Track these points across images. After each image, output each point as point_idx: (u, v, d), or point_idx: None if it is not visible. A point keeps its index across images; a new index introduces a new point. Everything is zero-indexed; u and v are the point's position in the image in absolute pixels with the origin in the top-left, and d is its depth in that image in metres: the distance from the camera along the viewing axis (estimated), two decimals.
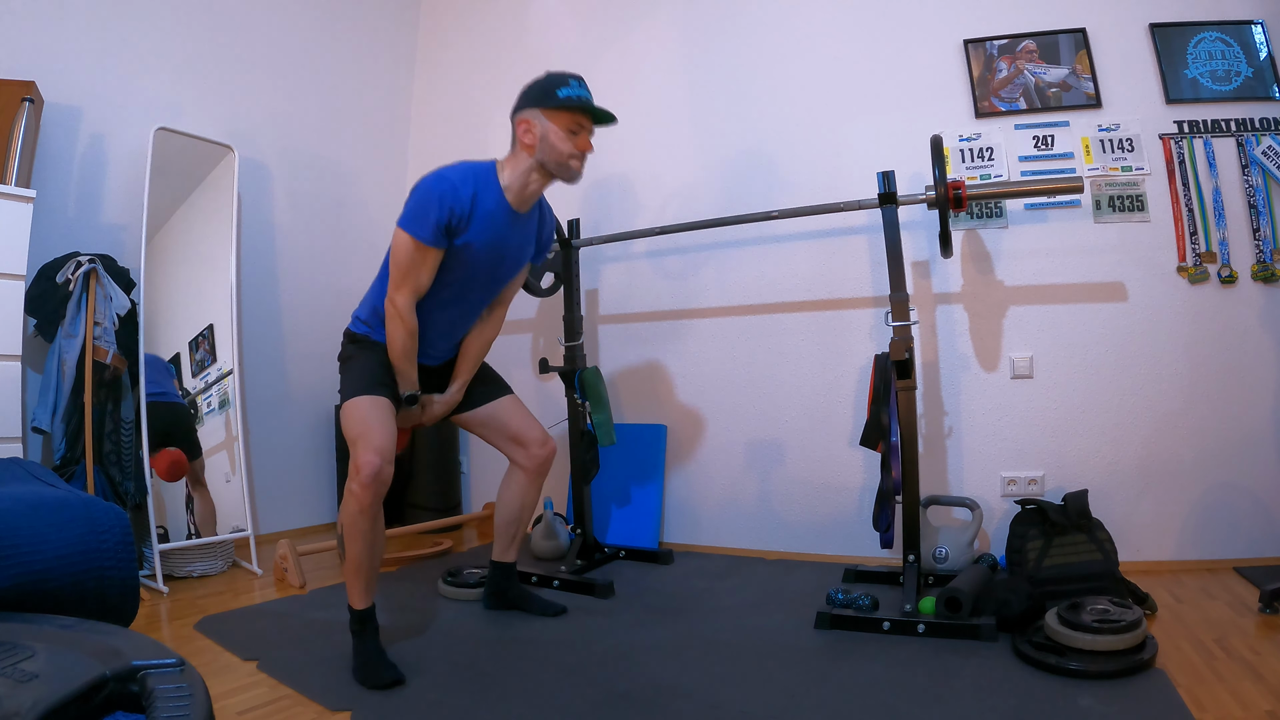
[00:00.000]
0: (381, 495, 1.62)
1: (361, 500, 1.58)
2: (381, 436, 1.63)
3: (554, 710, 1.42)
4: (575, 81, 1.73)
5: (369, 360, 1.79)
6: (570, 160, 1.73)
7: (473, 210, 1.69)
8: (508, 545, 2.05)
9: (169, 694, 0.73)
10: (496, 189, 1.74)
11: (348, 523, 1.63)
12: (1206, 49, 2.30)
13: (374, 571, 1.68)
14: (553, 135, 1.71)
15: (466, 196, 1.67)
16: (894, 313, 1.96)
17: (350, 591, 1.67)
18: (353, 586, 1.66)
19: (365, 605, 1.67)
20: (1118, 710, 1.31)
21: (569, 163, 1.73)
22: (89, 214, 2.55)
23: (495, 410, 1.98)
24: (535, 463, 1.97)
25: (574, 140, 1.72)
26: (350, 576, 1.66)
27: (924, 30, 2.55)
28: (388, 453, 1.62)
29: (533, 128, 1.72)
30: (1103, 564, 1.87)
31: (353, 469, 1.60)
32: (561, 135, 1.71)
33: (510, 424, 1.97)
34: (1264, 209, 2.23)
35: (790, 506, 2.65)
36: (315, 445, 3.25)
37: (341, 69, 3.46)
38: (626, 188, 3.04)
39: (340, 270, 3.38)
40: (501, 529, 2.05)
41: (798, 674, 1.57)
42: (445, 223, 1.65)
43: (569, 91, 1.70)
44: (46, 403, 2.24)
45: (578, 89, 1.72)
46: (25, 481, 1.31)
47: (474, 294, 1.84)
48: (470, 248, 1.71)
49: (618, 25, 3.10)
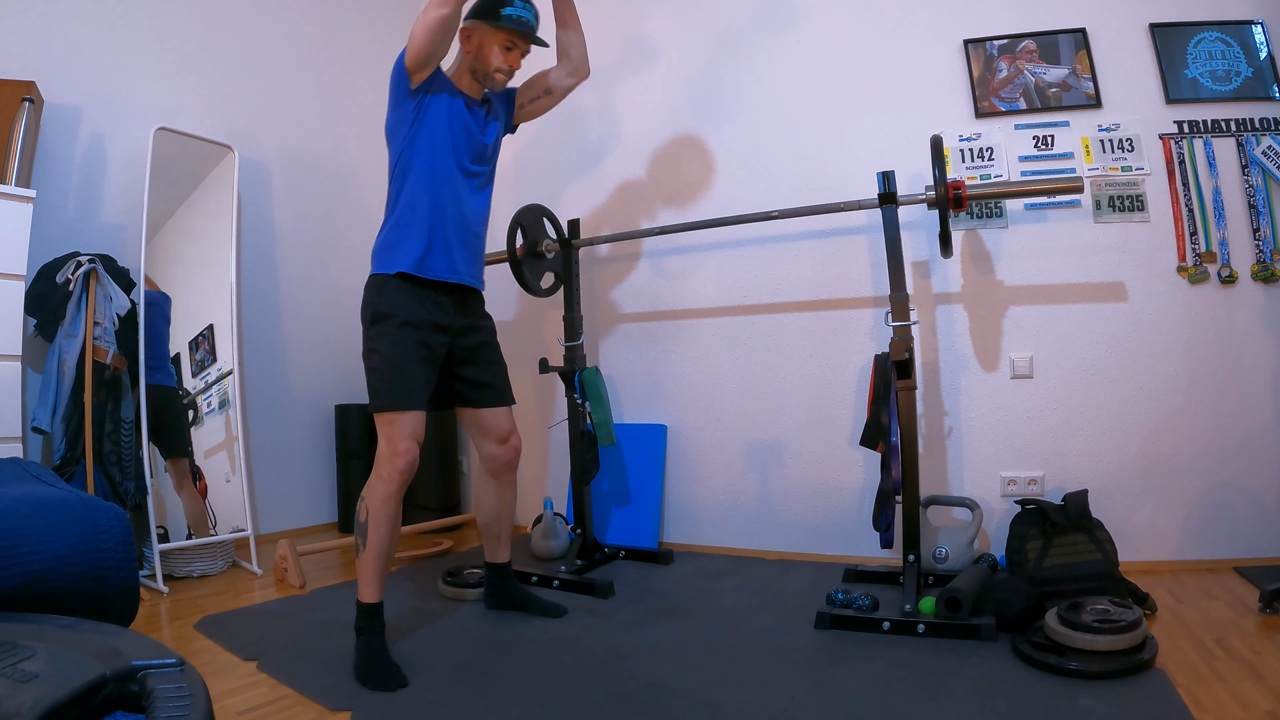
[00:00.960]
0: (408, 484, 1.71)
1: (392, 484, 1.68)
2: (416, 423, 1.72)
3: (554, 710, 1.42)
4: (520, 1, 1.84)
5: (398, 342, 1.74)
6: (495, 73, 1.86)
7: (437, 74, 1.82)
8: (496, 545, 2.06)
9: (169, 694, 0.73)
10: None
11: (374, 508, 1.68)
12: (1206, 49, 2.30)
13: (388, 563, 1.72)
14: (485, 47, 1.85)
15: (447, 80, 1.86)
16: (894, 313, 1.96)
17: (361, 583, 1.68)
18: (366, 578, 1.68)
19: (376, 599, 1.68)
20: (1118, 710, 1.31)
21: (494, 75, 1.87)
22: (89, 214, 2.55)
23: (494, 414, 1.99)
24: (499, 462, 2.00)
25: (506, 56, 1.86)
26: (365, 566, 1.68)
27: (924, 30, 2.55)
28: (421, 440, 1.73)
29: (472, 36, 1.85)
30: (1103, 564, 1.87)
31: (388, 454, 1.68)
32: (495, 50, 1.84)
33: (493, 426, 1.99)
34: (1264, 209, 2.23)
35: (790, 506, 2.65)
36: (315, 445, 3.25)
37: (341, 69, 3.46)
38: (626, 188, 3.04)
39: (340, 270, 3.38)
40: (485, 530, 2.07)
41: (798, 674, 1.57)
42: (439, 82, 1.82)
43: (511, 10, 1.83)
44: (46, 403, 2.24)
45: (520, 9, 1.84)
46: (25, 481, 1.31)
47: (463, 169, 1.86)
48: (440, 102, 1.81)
49: (618, 25, 3.10)
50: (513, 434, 2.01)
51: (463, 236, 1.86)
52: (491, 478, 2.02)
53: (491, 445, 1.99)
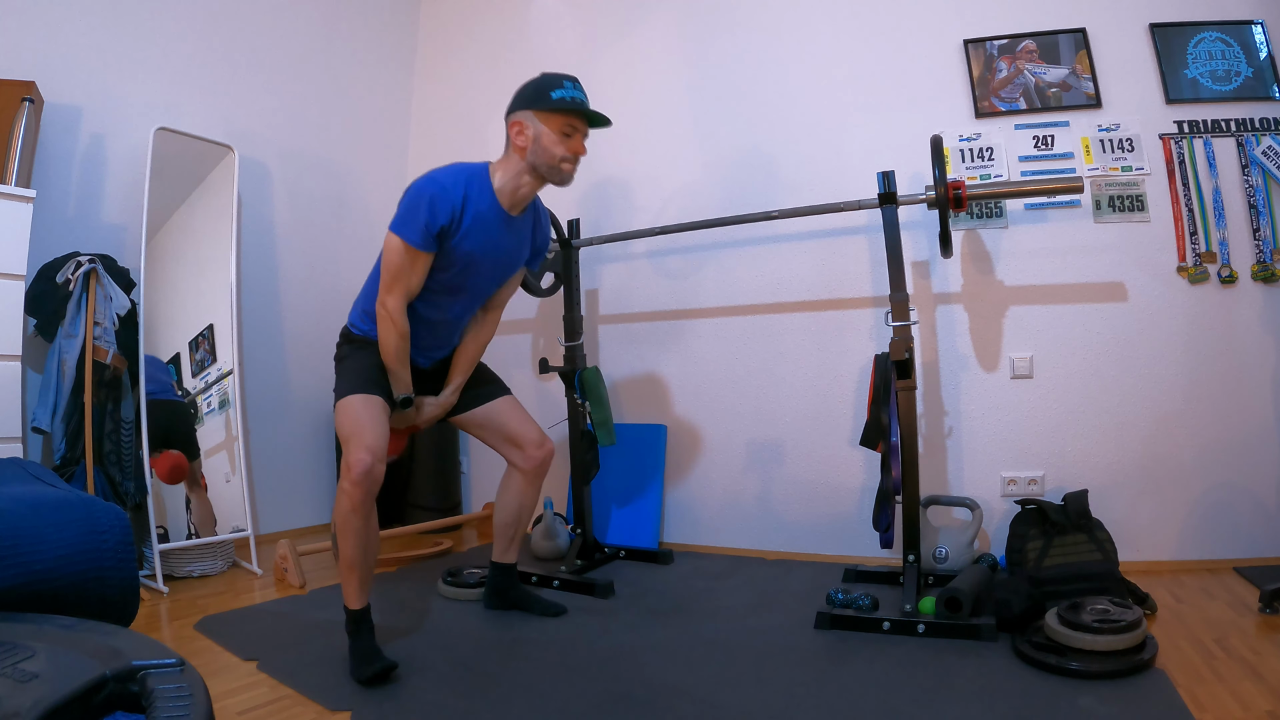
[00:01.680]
0: (373, 493, 1.62)
1: (353, 498, 1.58)
2: (373, 435, 1.63)
3: (554, 710, 1.42)
4: (570, 83, 1.71)
5: (363, 360, 1.79)
6: (562, 164, 1.71)
7: (464, 212, 1.67)
8: (507, 546, 2.05)
9: (169, 694, 0.73)
10: (489, 191, 1.73)
11: (340, 521, 1.62)
12: (1206, 49, 2.30)
13: (368, 571, 1.67)
14: (545, 138, 1.69)
15: (458, 199, 1.66)
16: (894, 313, 1.96)
17: (345, 591, 1.67)
18: (347, 586, 1.66)
19: (359, 605, 1.66)
20: (1118, 710, 1.31)
21: (560, 166, 1.71)
22: (89, 214, 2.55)
23: (492, 411, 1.97)
24: (532, 464, 1.96)
25: (567, 143, 1.70)
26: (344, 576, 1.66)
27: (924, 30, 2.55)
28: (379, 451, 1.61)
29: (525, 129, 1.70)
30: (1103, 564, 1.88)
31: (344, 467, 1.60)
32: (554, 138, 1.69)
33: (507, 425, 1.96)
34: (1264, 209, 2.23)
35: (790, 506, 2.65)
36: (315, 445, 3.25)
37: (341, 69, 3.46)
38: (626, 188, 3.04)
39: (340, 270, 3.38)
40: (501, 530, 2.04)
41: (798, 674, 1.57)
42: (435, 226, 1.64)
43: (563, 93, 1.68)
44: (46, 403, 2.24)
45: (572, 90, 1.70)
46: (25, 481, 1.31)
47: (466, 296, 1.83)
48: (462, 250, 1.70)
49: (618, 25, 3.11)
50: (544, 440, 1.97)
51: (441, 335, 1.89)
52: (521, 478, 1.98)
53: (517, 452, 1.96)
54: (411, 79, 3.79)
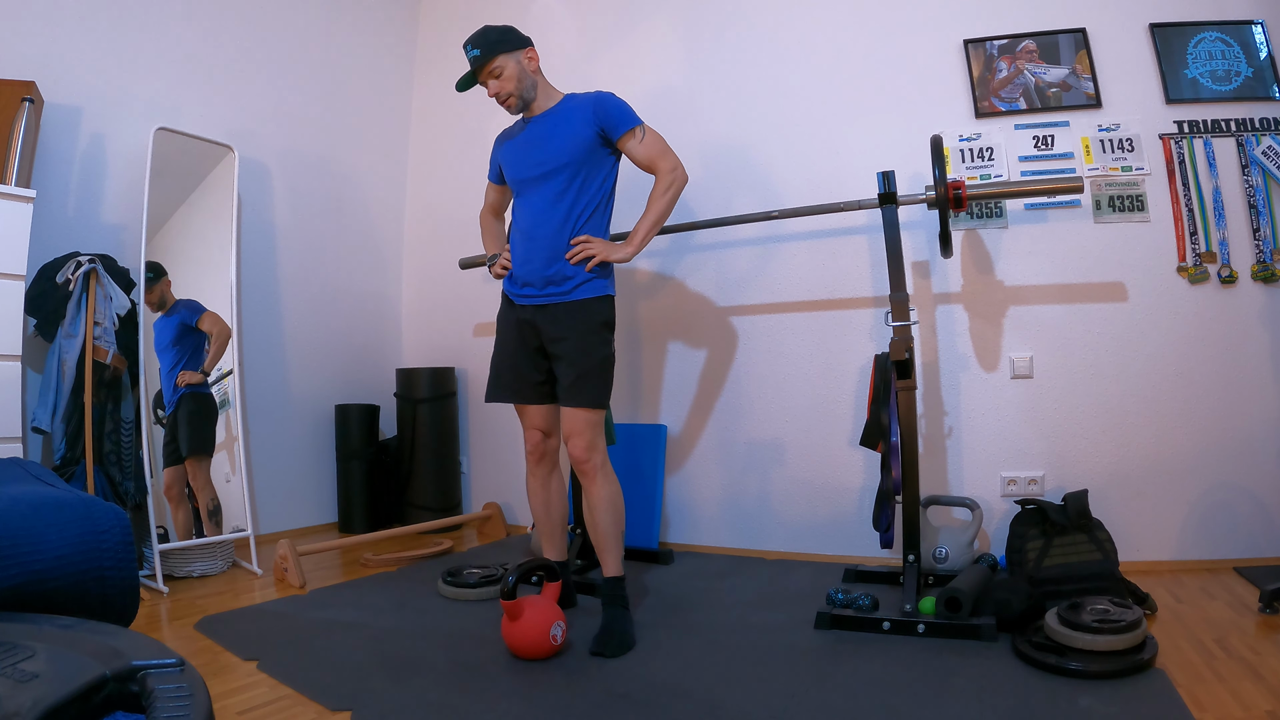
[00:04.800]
0: (545, 463, 2.01)
1: (528, 468, 2.02)
2: (533, 416, 1.97)
3: (554, 710, 1.42)
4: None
5: (495, 349, 2.02)
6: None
7: (502, 143, 2.07)
8: (598, 556, 1.97)
9: (169, 694, 0.73)
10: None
11: (527, 487, 2.04)
12: (1206, 49, 2.30)
13: (554, 528, 2.04)
14: None
15: (501, 137, 2.07)
16: (894, 313, 1.96)
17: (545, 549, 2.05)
18: (545, 547, 2.05)
19: (556, 559, 2.03)
20: (1118, 710, 1.31)
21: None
22: (89, 214, 2.55)
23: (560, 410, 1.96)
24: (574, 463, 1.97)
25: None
26: (538, 537, 2.07)
27: (924, 30, 2.55)
28: (545, 426, 1.97)
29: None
30: (1103, 564, 1.87)
31: None
32: None
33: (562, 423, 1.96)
34: (1264, 209, 2.23)
35: (790, 506, 2.65)
36: (315, 445, 3.25)
37: (341, 69, 3.46)
38: (625, 187, 3.04)
39: (340, 270, 3.38)
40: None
41: (798, 674, 1.57)
42: (495, 164, 2.11)
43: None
44: (46, 403, 2.24)
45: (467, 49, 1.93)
46: (25, 481, 1.31)
47: (528, 190, 1.97)
48: (506, 164, 2.04)
49: (617, 25, 3.10)
50: (572, 435, 1.87)
51: (529, 232, 2.00)
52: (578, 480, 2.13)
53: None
54: (411, 79, 3.79)
